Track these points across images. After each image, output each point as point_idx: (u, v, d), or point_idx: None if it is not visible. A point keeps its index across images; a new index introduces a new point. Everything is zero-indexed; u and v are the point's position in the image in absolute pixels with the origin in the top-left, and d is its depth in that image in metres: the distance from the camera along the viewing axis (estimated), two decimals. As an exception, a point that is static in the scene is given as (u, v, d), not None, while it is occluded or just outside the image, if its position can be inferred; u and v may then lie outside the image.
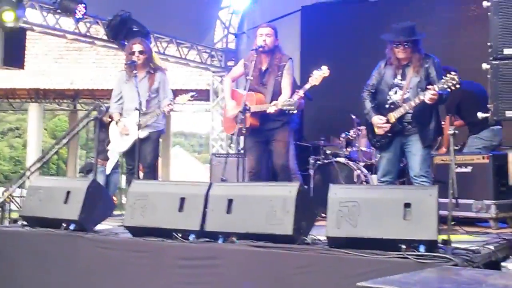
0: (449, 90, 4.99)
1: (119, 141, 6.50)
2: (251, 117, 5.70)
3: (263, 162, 6.03)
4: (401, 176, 6.32)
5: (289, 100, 5.58)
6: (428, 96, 5.04)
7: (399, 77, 5.38)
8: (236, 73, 6.27)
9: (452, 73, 4.93)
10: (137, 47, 6.39)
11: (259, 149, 5.97)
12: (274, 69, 5.86)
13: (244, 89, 5.79)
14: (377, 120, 5.39)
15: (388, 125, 5.33)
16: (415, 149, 5.29)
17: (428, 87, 5.10)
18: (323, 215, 4.30)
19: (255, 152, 5.95)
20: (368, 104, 5.51)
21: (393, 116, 5.31)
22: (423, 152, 5.30)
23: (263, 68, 5.90)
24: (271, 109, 5.64)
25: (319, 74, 5.61)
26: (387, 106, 5.39)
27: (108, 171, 7.13)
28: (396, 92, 5.37)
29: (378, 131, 5.42)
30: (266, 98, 5.82)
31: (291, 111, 5.58)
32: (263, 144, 5.96)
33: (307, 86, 5.70)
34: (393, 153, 5.45)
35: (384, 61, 5.49)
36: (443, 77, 5.02)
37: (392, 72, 5.40)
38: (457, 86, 4.95)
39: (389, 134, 5.37)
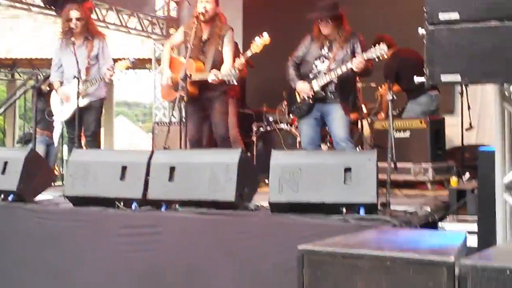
0: (376, 59, 5.21)
1: (60, 110, 6.37)
2: (190, 85, 5.64)
3: (203, 130, 6.00)
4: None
5: (230, 71, 5.56)
6: (355, 63, 5.23)
7: (326, 48, 5.56)
8: (176, 41, 6.18)
9: (381, 43, 5.10)
10: (74, 14, 6.22)
11: (198, 116, 5.94)
12: (214, 38, 5.80)
13: (184, 57, 5.72)
14: (302, 86, 5.56)
15: (311, 91, 5.50)
16: (338, 116, 5.48)
17: (356, 54, 5.34)
18: (266, 181, 4.33)
19: (194, 120, 5.91)
20: (292, 72, 5.68)
21: (317, 84, 5.49)
22: (345, 118, 5.51)
23: (204, 37, 5.83)
24: (211, 78, 5.61)
25: (260, 42, 5.60)
26: (311, 75, 5.57)
27: (55, 141, 6.98)
28: (323, 62, 5.55)
29: (299, 97, 5.61)
30: (206, 67, 5.77)
31: (231, 82, 5.57)
32: (202, 112, 5.93)
33: (249, 53, 5.67)
34: (314, 119, 5.62)
35: (310, 35, 5.66)
36: (372, 46, 5.23)
37: (319, 44, 5.57)
38: (385, 56, 5.20)
39: (310, 102, 5.54)
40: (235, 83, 5.62)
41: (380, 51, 5.15)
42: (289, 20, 8.96)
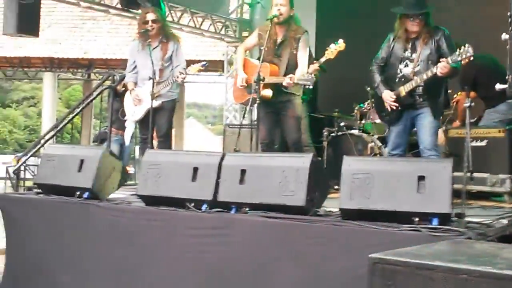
0: (462, 62, 4.94)
1: (133, 111, 6.50)
2: (264, 88, 5.66)
3: (275, 133, 6.00)
4: (415, 147, 6.29)
5: (305, 75, 5.52)
6: (440, 68, 4.97)
7: (409, 50, 5.31)
8: (250, 43, 6.21)
9: (466, 45, 4.87)
10: (150, 16, 6.36)
11: (271, 119, 5.92)
12: (289, 41, 5.78)
13: (258, 60, 5.74)
14: (387, 97, 5.33)
15: (395, 104, 5.28)
16: (427, 122, 5.23)
17: (441, 59, 5.03)
18: (336, 187, 4.28)
19: (266, 123, 5.90)
20: (377, 78, 5.45)
21: (403, 89, 5.25)
22: (434, 125, 5.26)
23: (278, 39, 5.83)
24: (286, 81, 5.59)
25: (335, 48, 5.55)
26: (397, 79, 5.33)
27: (127, 142, 7.15)
28: (406, 65, 5.30)
29: (387, 106, 5.37)
30: (280, 70, 5.76)
31: (307, 86, 5.52)
32: (275, 115, 5.92)
33: (323, 59, 5.64)
34: (403, 126, 5.40)
35: (393, 34, 5.41)
36: (458, 49, 4.95)
37: (402, 45, 5.32)
38: (471, 58, 4.91)
39: (399, 108, 5.31)
40: (311, 87, 5.56)
41: (466, 53, 4.87)
42: (364, 22, 8.88)
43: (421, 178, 3.75)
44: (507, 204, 5.51)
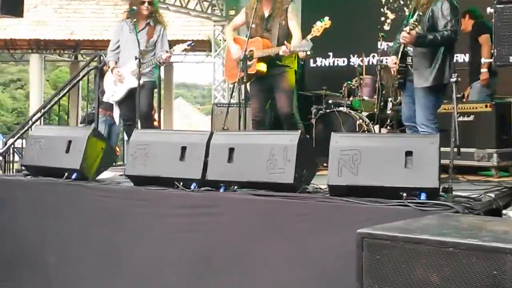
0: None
1: (113, 90, 6.46)
2: (258, 63, 5.64)
3: (266, 109, 5.97)
4: (401, 124, 6.32)
5: (302, 42, 5.48)
6: (402, 37, 4.96)
7: (414, 17, 5.01)
8: (237, 22, 6.17)
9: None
10: None
11: (263, 96, 5.90)
12: (277, 13, 5.74)
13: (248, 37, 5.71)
14: (389, 61, 5.37)
15: (396, 66, 5.22)
16: (417, 97, 5.16)
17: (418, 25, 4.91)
18: (325, 164, 4.28)
19: (259, 100, 5.89)
20: (394, 44, 5.46)
21: (396, 56, 5.22)
22: (424, 99, 5.12)
23: (266, 14, 5.80)
24: (282, 50, 5.52)
25: (320, 25, 5.50)
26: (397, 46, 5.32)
27: (116, 121, 7.10)
28: (401, 32, 5.15)
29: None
30: (273, 43, 5.71)
31: (305, 52, 5.48)
32: (267, 91, 5.89)
33: (309, 37, 5.60)
34: (408, 97, 5.33)
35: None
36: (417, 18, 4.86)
37: (408, 12, 5.31)
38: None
39: (399, 76, 5.25)
40: (309, 53, 5.51)
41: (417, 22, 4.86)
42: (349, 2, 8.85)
43: (408, 153, 3.77)
44: (494, 178, 5.55)
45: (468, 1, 6.99)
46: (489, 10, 3.18)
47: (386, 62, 5.46)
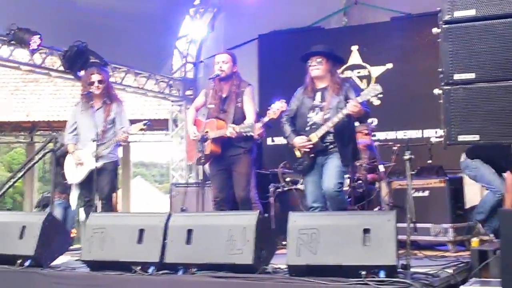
0: (371, 100, 5.01)
1: (74, 173, 6.41)
2: (212, 144, 5.69)
3: (227, 189, 5.95)
4: (360, 200, 6.38)
5: (247, 123, 5.56)
6: (350, 107, 4.98)
7: (318, 98, 5.31)
8: (198, 103, 6.20)
9: (374, 83, 4.98)
10: (95, 77, 6.36)
11: (222, 177, 5.89)
12: (233, 96, 5.84)
13: (206, 118, 5.78)
14: (299, 140, 5.28)
15: (310, 144, 5.22)
16: (333, 165, 5.17)
17: (349, 99, 5.07)
18: (284, 243, 4.28)
19: (218, 180, 5.88)
20: (288, 128, 5.43)
21: (316, 135, 5.21)
22: (340, 169, 5.18)
23: (223, 95, 5.89)
24: (229, 131, 5.60)
25: (277, 108, 5.60)
26: (307, 128, 5.30)
27: (73, 205, 7.02)
28: (317, 113, 5.29)
29: (299, 153, 5.33)
30: (227, 124, 5.79)
31: (248, 134, 5.54)
32: (226, 172, 5.89)
33: (266, 119, 5.69)
34: (318, 175, 5.29)
35: (303, 87, 5.47)
36: (366, 88, 5.06)
37: (311, 95, 5.35)
38: (379, 96, 5.02)
39: (311, 155, 5.26)
40: (254, 136, 5.57)
41: (374, 91, 4.96)
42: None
43: (366, 230, 3.81)
44: (451, 253, 5.59)
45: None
46: (437, 91, 3.31)
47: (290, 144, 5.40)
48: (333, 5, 9.71)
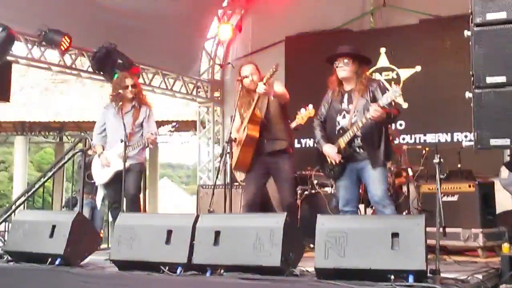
0: (393, 103, 4.92)
1: (100, 173, 6.47)
2: (249, 125, 5.60)
3: (261, 194, 5.91)
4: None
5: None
6: (372, 112, 4.91)
7: (345, 101, 5.27)
8: (236, 125, 5.94)
9: (394, 85, 4.89)
10: (129, 81, 6.44)
11: (261, 182, 5.84)
12: (264, 98, 5.73)
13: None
14: (328, 149, 5.27)
15: (337, 156, 5.19)
16: (370, 174, 5.12)
17: (371, 104, 5.01)
18: (312, 246, 4.27)
19: (256, 185, 5.80)
20: (318, 133, 5.40)
21: (343, 141, 5.17)
22: (378, 175, 5.11)
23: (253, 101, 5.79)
24: (260, 87, 5.48)
25: (305, 113, 5.58)
26: (336, 132, 5.28)
27: (98, 205, 7.10)
28: (344, 117, 5.25)
29: (330, 160, 5.29)
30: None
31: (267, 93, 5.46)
32: (265, 176, 5.85)
33: (293, 124, 5.66)
34: (349, 180, 5.28)
35: (331, 90, 5.42)
36: (386, 91, 4.99)
37: (339, 98, 5.31)
38: (399, 95, 4.89)
39: (342, 161, 5.22)
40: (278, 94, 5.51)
41: (394, 93, 4.86)
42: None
43: (394, 235, 3.78)
44: (481, 259, 5.53)
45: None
46: (468, 94, 3.28)
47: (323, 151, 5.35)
48: (361, 7, 9.68)
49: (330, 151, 5.25)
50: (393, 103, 4.93)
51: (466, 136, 8.20)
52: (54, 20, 7.89)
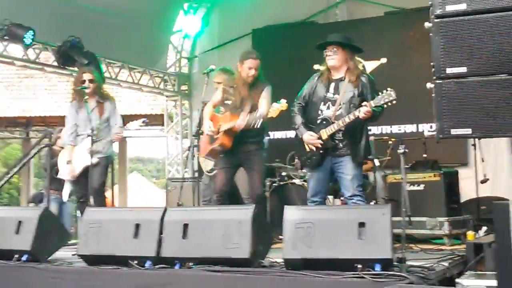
0: (385, 106, 4.93)
1: (67, 168, 6.42)
2: (224, 136, 5.66)
3: (230, 185, 5.92)
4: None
5: (253, 115, 5.51)
6: (363, 112, 4.90)
7: (332, 90, 5.20)
8: (216, 99, 6.03)
9: (389, 89, 4.88)
10: (87, 76, 6.41)
11: (231, 172, 5.85)
12: (253, 96, 5.74)
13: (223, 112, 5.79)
14: (309, 137, 5.18)
15: (320, 142, 5.13)
16: (347, 170, 5.10)
17: (363, 103, 4.96)
18: (280, 237, 4.30)
19: (225, 175, 5.81)
20: (298, 119, 5.30)
21: (325, 133, 5.11)
22: (356, 172, 5.11)
23: (244, 95, 5.77)
24: (238, 123, 5.53)
25: (277, 107, 5.56)
26: (318, 121, 5.20)
27: (65, 199, 7.03)
28: (328, 107, 5.18)
29: (309, 147, 5.23)
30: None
31: (255, 126, 5.47)
32: (235, 168, 5.87)
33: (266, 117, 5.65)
34: (323, 173, 5.24)
35: (318, 74, 5.35)
36: (380, 93, 4.95)
37: (325, 85, 5.23)
38: (394, 102, 4.88)
39: (321, 151, 5.17)
40: (257, 127, 5.50)
41: (389, 97, 4.86)
42: (297, 73, 9.08)
43: (361, 224, 3.83)
44: (447, 247, 5.62)
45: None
46: (429, 85, 3.33)
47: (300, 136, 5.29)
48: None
49: (311, 139, 5.17)
50: (385, 106, 4.94)
51: (431, 127, 8.29)
52: (17, 14, 7.76)
